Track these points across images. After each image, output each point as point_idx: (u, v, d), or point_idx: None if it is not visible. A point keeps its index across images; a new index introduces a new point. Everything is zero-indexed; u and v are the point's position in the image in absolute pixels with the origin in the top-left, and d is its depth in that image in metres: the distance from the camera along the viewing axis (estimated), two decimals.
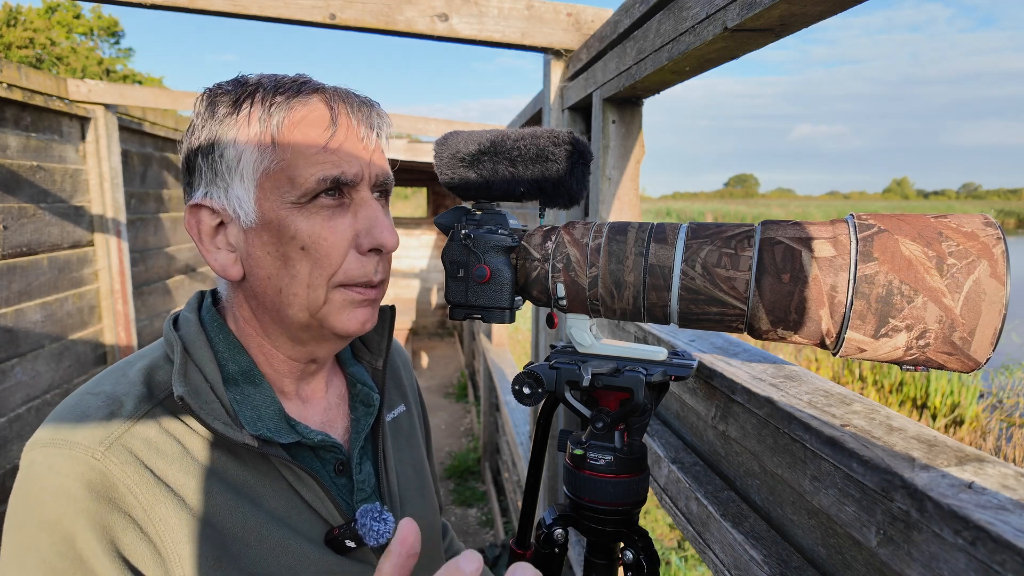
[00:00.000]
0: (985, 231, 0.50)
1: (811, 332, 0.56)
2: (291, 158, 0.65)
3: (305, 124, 0.65)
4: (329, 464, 0.74)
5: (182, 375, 0.65)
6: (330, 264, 0.67)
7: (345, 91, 0.70)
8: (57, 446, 0.60)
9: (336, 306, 0.69)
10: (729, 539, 0.74)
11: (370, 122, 0.69)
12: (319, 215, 0.66)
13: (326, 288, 0.68)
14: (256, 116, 0.65)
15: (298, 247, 0.66)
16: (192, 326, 0.71)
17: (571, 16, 1.68)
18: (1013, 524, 0.42)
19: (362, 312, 0.70)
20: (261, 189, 0.66)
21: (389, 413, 0.87)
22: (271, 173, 0.65)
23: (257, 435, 0.65)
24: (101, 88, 3.70)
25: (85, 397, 0.65)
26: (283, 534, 0.66)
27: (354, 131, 0.68)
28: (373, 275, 0.69)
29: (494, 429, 5.00)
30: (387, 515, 0.72)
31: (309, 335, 0.71)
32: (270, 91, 0.66)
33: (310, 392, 0.78)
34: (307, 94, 0.67)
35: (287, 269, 0.67)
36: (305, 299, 0.67)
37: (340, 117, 0.67)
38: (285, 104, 0.65)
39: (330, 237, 0.66)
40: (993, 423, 6.14)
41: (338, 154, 0.66)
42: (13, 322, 3.11)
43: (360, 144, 0.68)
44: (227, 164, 0.66)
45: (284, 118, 0.65)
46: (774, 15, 0.80)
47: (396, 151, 4.96)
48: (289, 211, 0.66)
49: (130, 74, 22.15)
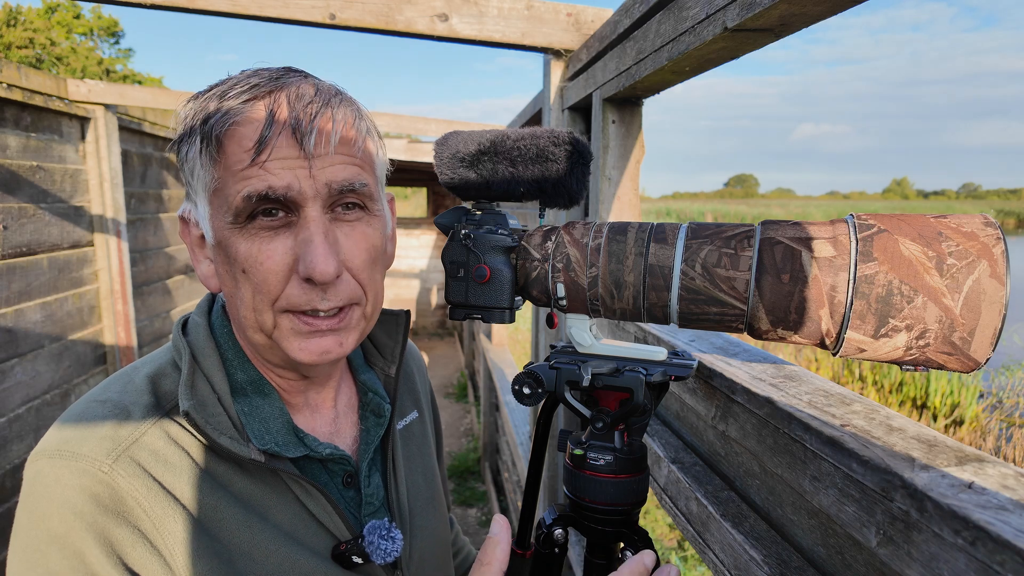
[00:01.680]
0: (985, 231, 0.50)
1: (811, 332, 0.56)
2: (225, 175, 0.61)
3: (238, 136, 0.60)
4: (337, 476, 0.72)
5: (189, 386, 0.63)
6: (268, 290, 0.62)
7: (300, 92, 0.62)
8: (63, 457, 0.59)
9: (285, 332, 0.64)
10: (729, 539, 0.74)
11: (321, 125, 0.60)
12: (257, 237, 0.62)
13: (271, 312, 0.64)
14: (202, 128, 0.61)
15: (240, 269, 0.63)
16: (201, 332, 0.69)
17: (571, 16, 1.68)
18: (1013, 524, 0.42)
19: (317, 343, 0.65)
20: (211, 207, 0.63)
21: (400, 421, 0.85)
22: (214, 191, 0.62)
23: (264, 449, 0.64)
24: (101, 88, 3.70)
25: (91, 405, 0.64)
26: (290, 549, 0.65)
27: (293, 141, 0.60)
28: (319, 303, 0.63)
29: (494, 429, 5.00)
30: (395, 532, 0.70)
31: (275, 356, 0.68)
32: (217, 97, 0.61)
33: (319, 401, 0.76)
34: (251, 103, 0.60)
35: (237, 290, 0.64)
36: (255, 321, 0.64)
37: (274, 129, 0.59)
38: (224, 116, 0.60)
39: (266, 262, 0.61)
40: (993, 423, 6.14)
41: (266, 168, 0.59)
42: (13, 322, 3.11)
43: (299, 156, 0.60)
44: (190, 180, 0.64)
45: (222, 131, 0.60)
46: (774, 15, 0.80)
47: (396, 151, 4.96)
48: (231, 232, 0.62)
49: (130, 74, 22.15)
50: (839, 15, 0.80)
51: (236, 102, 0.60)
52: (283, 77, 0.63)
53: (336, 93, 0.65)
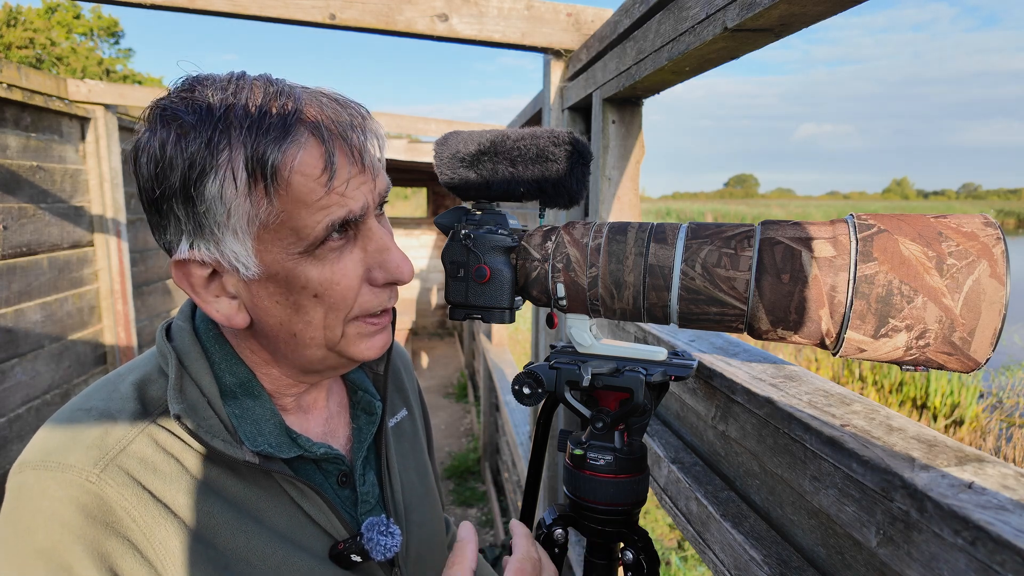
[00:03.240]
0: (985, 231, 0.50)
1: (811, 332, 0.56)
2: (292, 208, 0.58)
3: (302, 167, 0.57)
4: (332, 476, 0.72)
5: (178, 390, 0.62)
6: (345, 305, 0.64)
7: (333, 107, 0.61)
8: (49, 468, 0.58)
9: (352, 338, 0.67)
10: (729, 539, 0.74)
11: (366, 143, 0.62)
12: (328, 259, 0.61)
13: (343, 326, 0.65)
14: (240, 162, 0.56)
15: (311, 295, 0.62)
16: (186, 336, 0.68)
17: (571, 16, 1.68)
18: (1013, 524, 0.42)
19: (379, 339, 0.69)
20: (260, 241, 0.60)
21: (391, 418, 0.86)
22: (271, 227, 0.59)
23: (258, 451, 0.63)
24: (101, 88, 3.71)
25: (76, 413, 0.63)
26: (287, 551, 0.65)
27: (354, 160, 0.60)
28: (388, 302, 0.68)
29: (494, 429, 5.00)
30: (394, 528, 0.70)
31: (326, 364, 0.69)
32: (251, 131, 0.56)
33: (311, 402, 0.76)
34: (295, 126, 0.57)
35: (300, 316, 0.63)
36: (323, 339, 0.65)
37: (336, 150, 0.59)
38: (275, 148, 0.56)
39: (343, 281, 0.63)
40: (993, 423, 6.14)
41: (341, 193, 0.59)
42: (13, 322, 3.11)
43: (362, 173, 0.61)
44: (215, 219, 0.58)
45: (278, 164, 0.56)
46: (774, 15, 0.80)
47: (396, 151, 4.96)
48: (296, 262, 0.61)
49: (130, 74, 22.16)
50: (840, 15, 0.80)
51: (278, 125, 0.57)
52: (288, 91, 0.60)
53: (346, 99, 0.64)
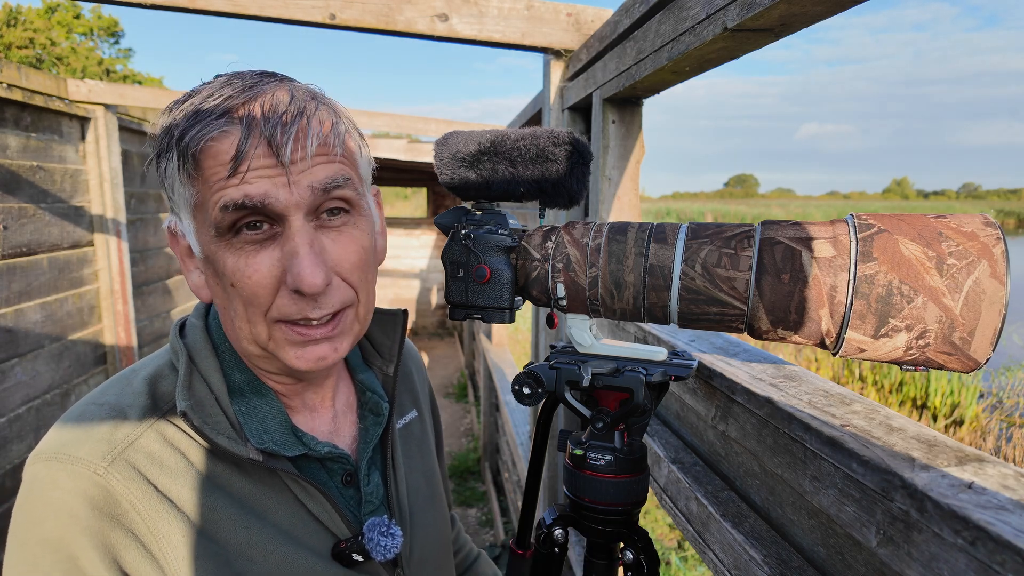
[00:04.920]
0: (985, 231, 0.50)
1: (811, 332, 0.56)
2: (204, 189, 0.61)
3: (214, 152, 0.59)
4: (336, 475, 0.73)
5: (186, 387, 0.64)
6: (258, 303, 0.62)
7: (275, 100, 0.60)
8: (60, 460, 0.60)
9: (280, 342, 0.64)
10: (729, 539, 0.74)
11: (296, 133, 0.60)
12: (243, 251, 0.61)
13: (265, 323, 0.64)
14: (176, 147, 0.61)
15: (228, 283, 0.63)
16: (198, 334, 0.70)
17: (571, 16, 1.68)
18: (1013, 524, 0.42)
19: (312, 350, 0.65)
20: (195, 222, 0.63)
21: (400, 420, 0.86)
22: (195, 206, 0.62)
23: (263, 448, 0.64)
24: (101, 88, 3.71)
25: (89, 407, 0.65)
26: (289, 548, 0.65)
27: (268, 151, 0.59)
28: (310, 312, 0.63)
29: (494, 429, 5.00)
30: (395, 529, 0.71)
31: (275, 366, 0.69)
32: (190, 119, 0.60)
33: (317, 401, 0.76)
34: (222, 120, 0.59)
35: (229, 303, 0.64)
36: (249, 333, 0.65)
37: (253, 138, 0.59)
38: (199, 133, 0.59)
39: (253, 275, 0.61)
40: (993, 423, 6.14)
41: (241, 179, 0.59)
42: (13, 322, 3.11)
43: (275, 167, 0.59)
44: (172, 196, 0.64)
45: (196, 149, 0.59)
46: (774, 15, 0.80)
47: (396, 151, 4.96)
48: (217, 245, 0.62)
49: (130, 74, 22.17)
50: (840, 15, 0.80)
51: (210, 116, 0.59)
52: (257, 85, 0.62)
53: (312, 97, 0.64)
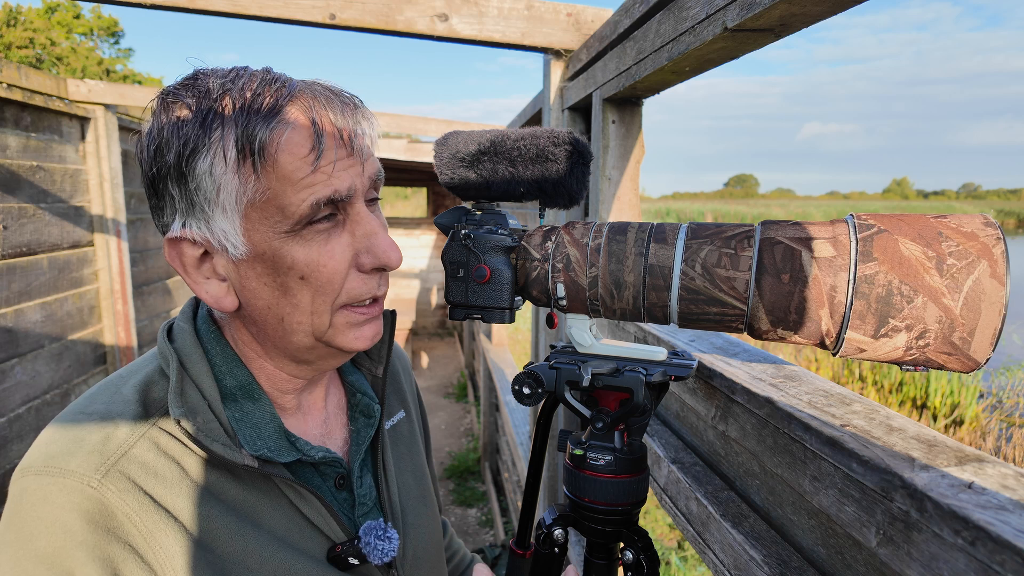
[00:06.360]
0: (985, 231, 0.50)
1: (811, 332, 0.56)
2: (278, 186, 0.59)
3: (289, 145, 0.59)
4: (330, 479, 0.72)
5: (179, 394, 0.63)
6: (332, 290, 0.64)
7: (326, 94, 0.62)
8: (51, 474, 0.58)
9: (341, 327, 0.66)
10: (729, 539, 0.74)
11: (357, 127, 0.63)
12: (315, 240, 0.62)
13: (330, 312, 0.65)
14: (231, 140, 0.58)
15: (297, 277, 0.62)
16: (188, 338, 0.68)
17: (571, 16, 1.68)
18: (1013, 524, 0.42)
19: (369, 328, 0.68)
20: (248, 220, 0.61)
21: (388, 420, 0.86)
22: (257, 204, 0.60)
23: (257, 455, 0.63)
24: (101, 88, 3.71)
25: (78, 417, 0.63)
26: (285, 554, 0.65)
27: (342, 143, 0.62)
28: (377, 290, 0.67)
29: (494, 429, 5.00)
30: (391, 532, 0.70)
31: (315, 355, 0.69)
32: (244, 111, 0.59)
33: (310, 403, 0.76)
34: (285, 108, 0.59)
35: (287, 298, 0.63)
36: (309, 325, 0.65)
37: (325, 130, 0.60)
38: (263, 125, 0.58)
39: (329, 263, 0.63)
40: (993, 423, 6.14)
41: (328, 173, 0.60)
42: (13, 322, 3.11)
43: (350, 156, 0.62)
44: (205, 196, 0.60)
45: (265, 142, 0.58)
46: (774, 15, 0.80)
47: (396, 151, 4.96)
48: (283, 241, 0.61)
49: (130, 74, 22.17)
50: (842, 15, 0.80)
51: (266, 112, 0.59)
52: (290, 81, 0.62)
53: (340, 89, 0.66)
